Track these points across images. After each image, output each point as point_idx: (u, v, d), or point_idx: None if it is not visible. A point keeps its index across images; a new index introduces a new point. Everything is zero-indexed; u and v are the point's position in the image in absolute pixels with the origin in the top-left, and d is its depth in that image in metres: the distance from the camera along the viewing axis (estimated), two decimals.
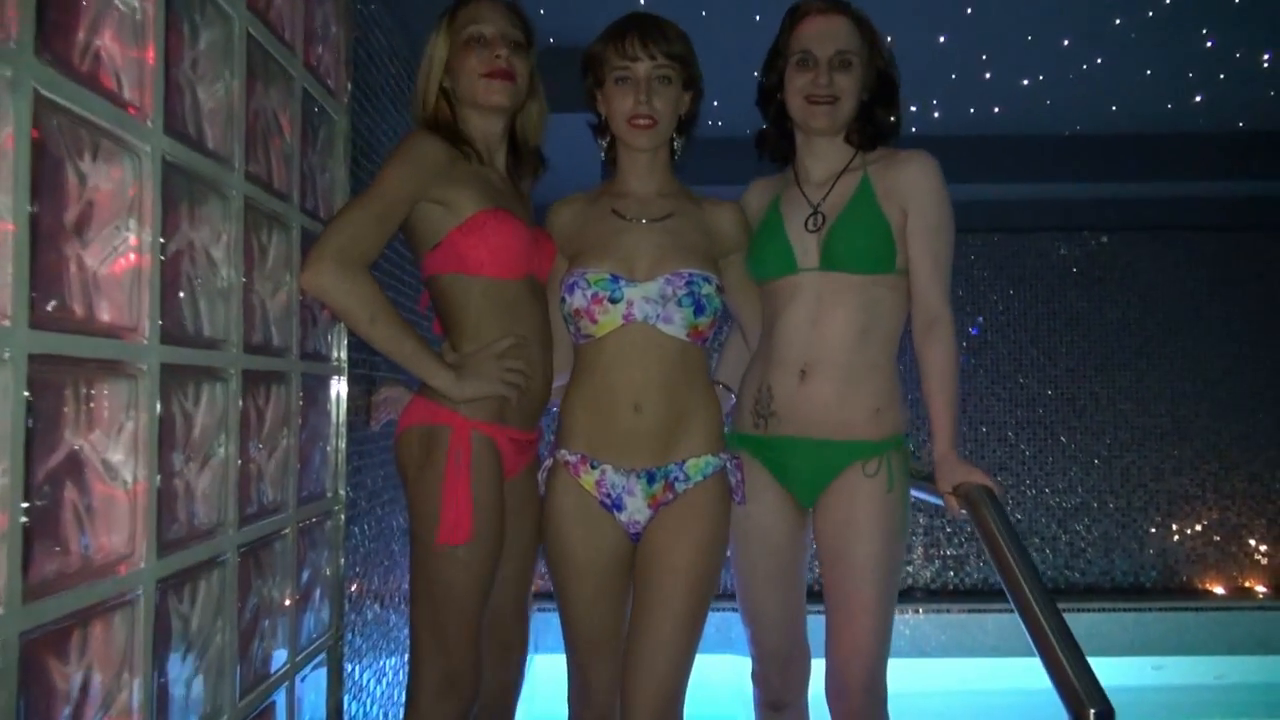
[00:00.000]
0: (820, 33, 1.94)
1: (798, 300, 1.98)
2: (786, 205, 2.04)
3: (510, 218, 1.82)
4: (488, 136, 1.92)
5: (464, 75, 1.87)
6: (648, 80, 1.87)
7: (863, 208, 1.94)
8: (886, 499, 1.93)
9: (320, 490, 2.02)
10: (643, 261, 1.90)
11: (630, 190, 1.99)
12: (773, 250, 2.01)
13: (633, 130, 1.89)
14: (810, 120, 1.96)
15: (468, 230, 1.78)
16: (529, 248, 1.86)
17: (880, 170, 1.97)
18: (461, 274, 1.82)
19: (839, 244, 1.92)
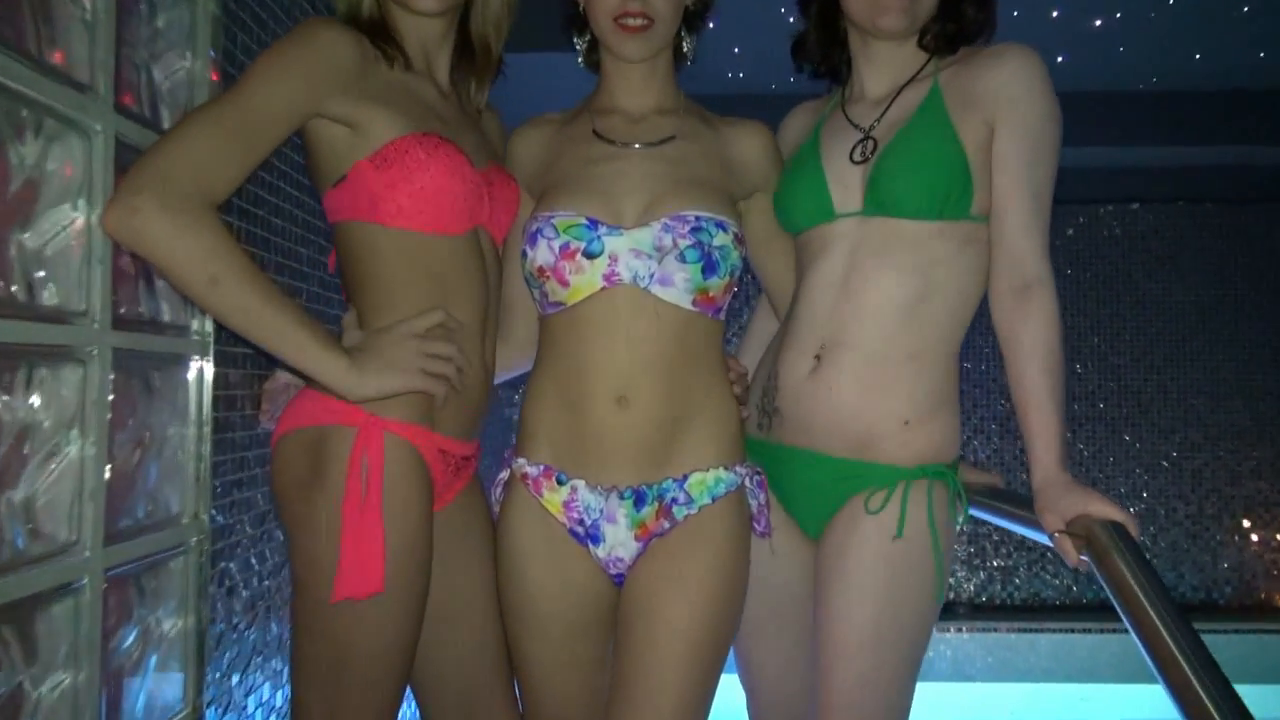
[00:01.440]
0: None
1: (828, 256, 1.57)
2: (829, 131, 1.64)
3: (447, 148, 1.40)
4: (423, 39, 1.50)
5: None
6: None
7: (927, 125, 1.51)
8: (890, 551, 1.49)
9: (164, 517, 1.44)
10: (632, 200, 1.52)
11: (618, 106, 1.62)
12: (804, 189, 1.59)
13: (621, 34, 1.52)
14: (878, 18, 1.53)
15: (382, 162, 1.36)
16: (475, 191, 1.44)
17: (957, 74, 1.54)
18: (375, 224, 1.39)
19: (889, 176, 1.50)
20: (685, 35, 1.63)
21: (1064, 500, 1.38)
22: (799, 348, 1.58)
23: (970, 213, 1.51)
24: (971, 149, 1.49)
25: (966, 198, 1.50)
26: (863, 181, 1.55)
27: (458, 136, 1.48)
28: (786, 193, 1.64)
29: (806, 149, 1.65)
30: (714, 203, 1.54)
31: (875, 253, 1.53)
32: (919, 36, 1.60)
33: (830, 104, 1.72)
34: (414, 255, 1.41)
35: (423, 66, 1.51)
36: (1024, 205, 1.47)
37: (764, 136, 1.68)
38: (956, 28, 1.58)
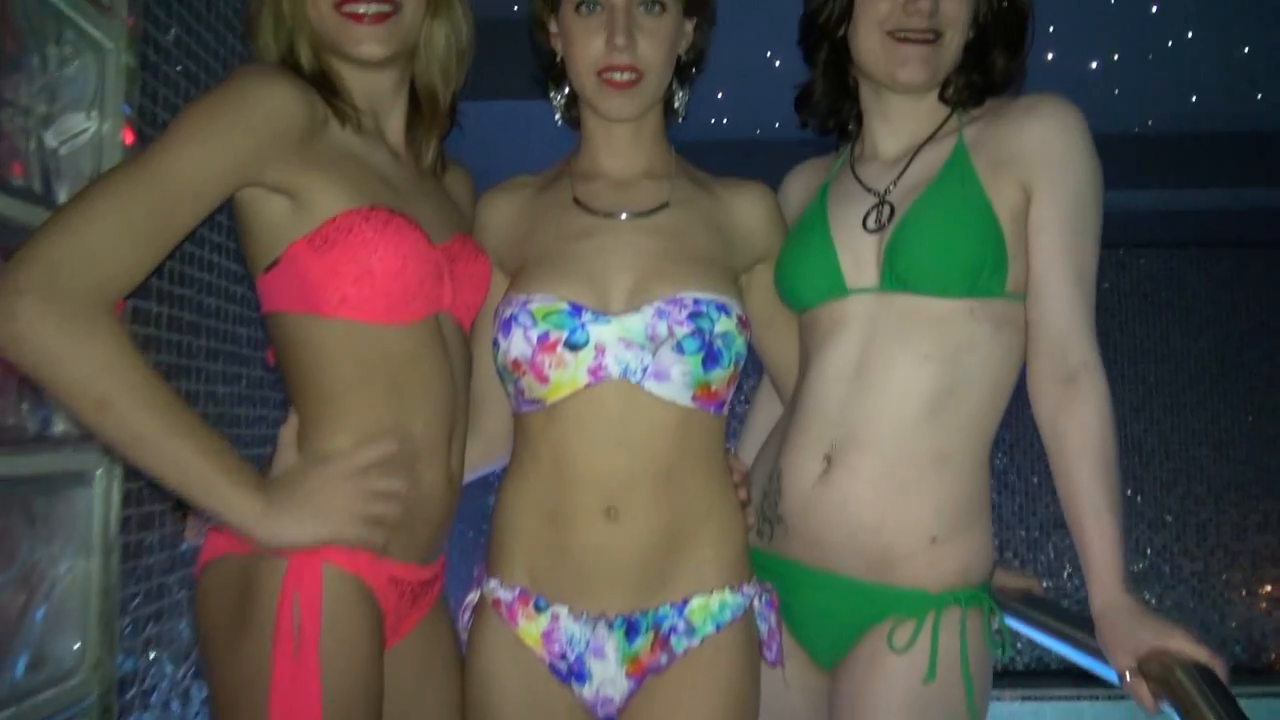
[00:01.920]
0: None
1: (839, 339, 1.38)
2: (838, 195, 1.46)
3: (399, 223, 1.20)
4: (371, 96, 1.30)
5: (312, 4, 1.24)
6: (628, 8, 1.32)
7: (953, 188, 1.33)
8: (919, 697, 1.30)
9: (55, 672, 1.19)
10: (620, 280, 1.34)
11: (602, 170, 1.44)
12: (810, 261, 1.41)
13: (605, 89, 1.34)
14: (897, 70, 1.36)
15: (322, 243, 1.17)
16: (434, 272, 1.25)
17: (985, 130, 1.37)
18: (314, 316, 1.20)
19: (910, 247, 1.32)
20: (677, 88, 1.44)
21: (1136, 634, 1.18)
22: (806, 447, 1.38)
23: (1005, 289, 1.32)
24: (1005, 216, 1.31)
25: (1000, 272, 1.31)
26: (878, 253, 1.36)
27: (414, 207, 1.29)
28: (791, 265, 1.44)
29: (812, 215, 1.46)
30: (714, 281, 1.34)
31: (895, 335, 1.34)
32: (940, 89, 1.41)
33: (838, 163, 1.53)
34: (363, 352, 1.21)
35: (373, 127, 1.32)
36: (1067, 281, 1.29)
37: (767, 201, 1.49)
38: (984, 79, 1.41)
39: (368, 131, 1.29)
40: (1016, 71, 1.41)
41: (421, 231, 1.24)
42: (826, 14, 1.43)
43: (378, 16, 1.23)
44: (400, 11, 1.25)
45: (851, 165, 1.48)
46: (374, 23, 1.23)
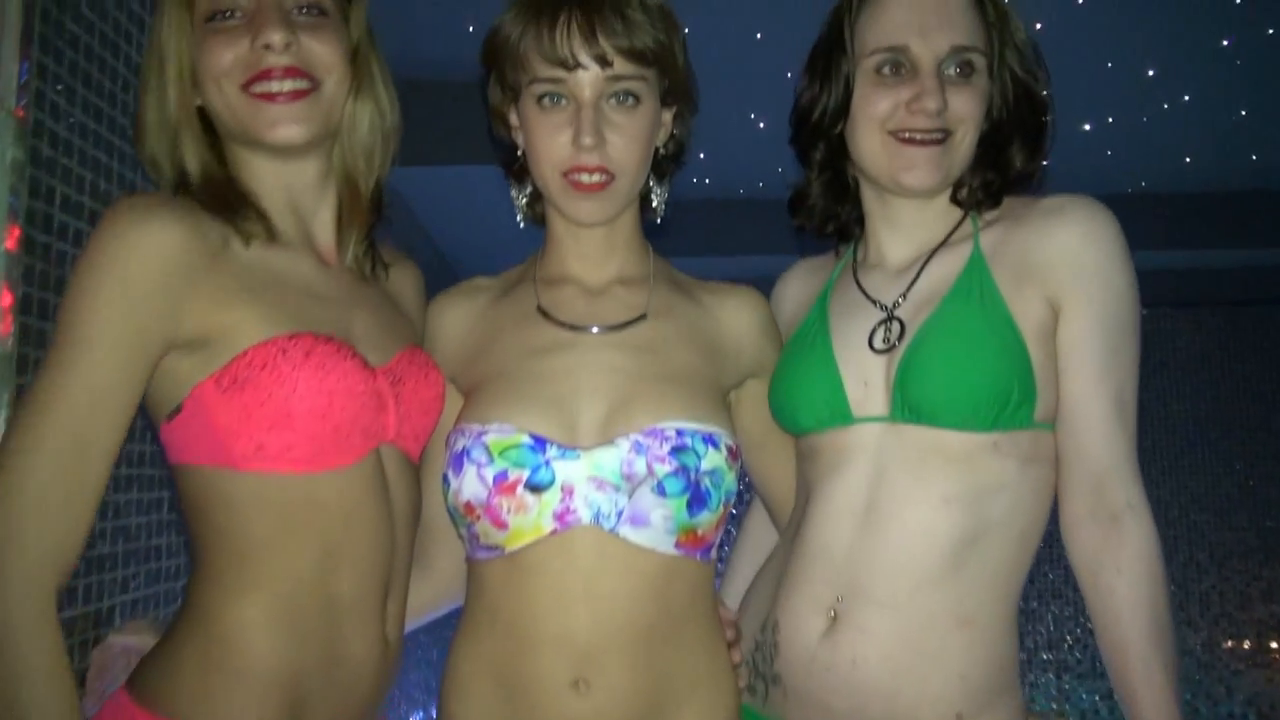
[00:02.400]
0: (921, 14, 1.22)
1: (844, 473, 1.22)
2: (840, 306, 1.32)
3: (325, 350, 1.05)
4: (291, 193, 1.15)
5: (211, 84, 1.10)
6: (597, 102, 1.18)
7: (971, 303, 1.19)
8: None
9: None
10: (591, 407, 1.18)
11: (570, 275, 1.29)
12: (810, 383, 1.26)
13: (572, 192, 1.19)
14: (901, 174, 1.23)
15: (231, 383, 1.03)
16: (369, 402, 1.09)
17: (1005, 235, 1.23)
18: (225, 469, 1.04)
19: (924, 372, 1.17)
20: (655, 184, 1.28)
21: None
22: (808, 596, 1.21)
23: (1033, 419, 1.15)
24: (1031, 335, 1.16)
25: (1028, 401, 1.15)
26: (888, 376, 1.20)
27: (349, 323, 1.12)
28: (788, 387, 1.28)
29: (811, 328, 1.30)
30: (700, 406, 1.18)
31: (908, 473, 1.17)
32: (953, 190, 1.27)
33: (838, 267, 1.37)
34: (284, 505, 1.04)
35: (294, 231, 1.14)
36: (1105, 410, 1.14)
37: (758, 309, 1.33)
38: (1000, 179, 1.26)
39: (288, 239, 1.12)
40: (1036, 169, 1.27)
41: (355, 356, 1.07)
42: (820, 110, 1.28)
43: (294, 94, 1.08)
44: (319, 88, 1.10)
45: (854, 271, 1.32)
46: (290, 101, 1.07)
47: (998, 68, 1.24)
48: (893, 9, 1.22)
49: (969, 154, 1.22)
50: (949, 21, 1.20)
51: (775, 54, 3.09)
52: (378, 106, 1.18)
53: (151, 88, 1.08)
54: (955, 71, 1.20)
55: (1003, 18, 1.25)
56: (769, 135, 4.19)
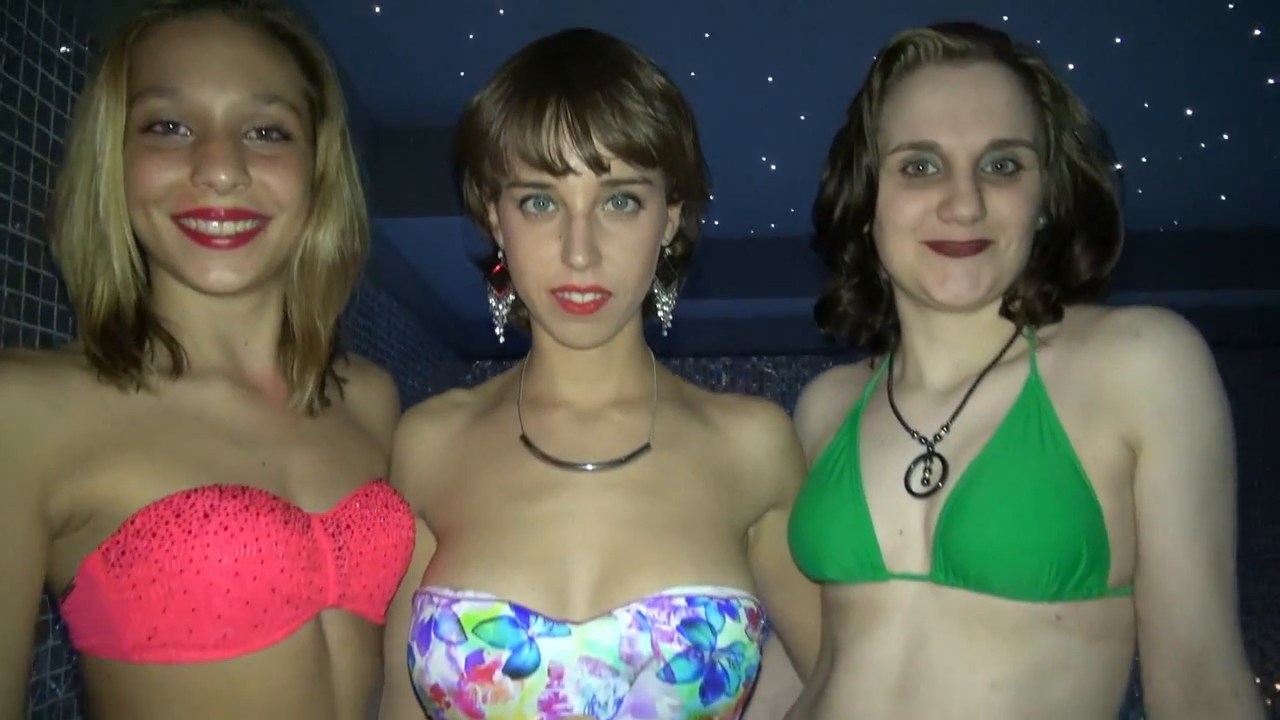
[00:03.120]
0: (954, 103, 1.03)
1: (878, 636, 1.04)
2: (872, 431, 1.13)
3: (232, 505, 0.88)
4: (217, 319, 0.99)
5: (138, 208, 0.92)
6: (590, 211, 0.99)
7: (1028, 442, 1.00)
8: None
9: None
10: (585, 568, 0.99)
11: (561, 398, 1.10)
12: (836, 528, 1.07)
13: (562, 312, 1.01)
14: (935, 288, 1.05)
15: (119, 556, 0.85)
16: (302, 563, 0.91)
17: (1067, 356, 1.04)
18: (117, 661, 0.87)
19: (972, 530, 0.98)
20: (660, 291, 1.09)
21: None
22: None
23: (1106, 585, 0.96)
24: (1102, 482, 0.96)
25: (1100, 566, 0.95)
26: (927, 526, 1.01)
27: (277, 465, 0.94)
28: (811, 530, 1.09)
29: (839, 459, 1.11)
30: (714, 563, 0.99)
31: (953, 646, 0.98)
32: (1003, 300, 1.08)
33: (872, 381, 1.18)
34: (190, 705, 0.86)
35: (219, 360, 0.97)
36: (1200, 574, 0.94)
37: (779, 430, 1.13)
38: (1061, 290, 1.06)
39: (206, 370, 0.95)
40: (1105, 277, 1.08)
41: (277, 509, 0.88)
42: (843, 211, 1.10)
43: (238, 238, 0.91)
44: (266, 228, 0.93)
45: (889, 390, 1.13)
46: (230, 247, 0.90)
47: (1054, 157, 1.06)
48: (920, 96, 1.04)
49: (1018, 262, 1.04)
50: (987, 110, 1.01)
51: (788, 97, 2.94)
52: (341, 237, 1.01)
53: (79, 192, 0.91)
54: (996, 169, 1.02)
55: (1059, 98, 1.06)
56: (781, 176, 4.05)
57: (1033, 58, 1.06)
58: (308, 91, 0.98)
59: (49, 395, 0.84)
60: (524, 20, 2.38)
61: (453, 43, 2.67)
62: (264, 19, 0.96)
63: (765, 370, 5.91)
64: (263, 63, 0.93)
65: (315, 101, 0.99)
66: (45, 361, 0.87)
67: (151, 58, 0.90)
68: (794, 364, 5.88)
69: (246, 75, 0.91)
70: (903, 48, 1.06)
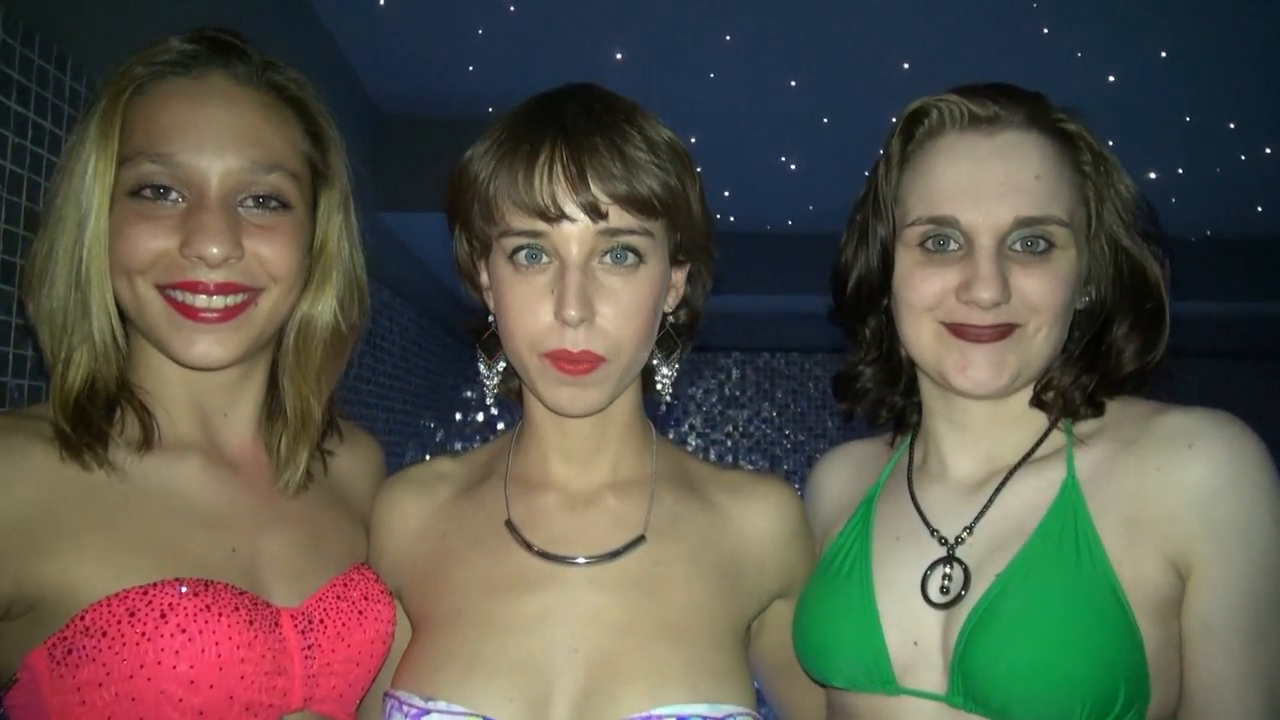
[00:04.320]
0: (978, 175, 0.94)
1: None
2: (888, 521, 1.03)
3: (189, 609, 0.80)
4: (196, 390, 0.93)
5: (121, 275, 0.86)
6: (586, 263, 0.91)
7: (1063, 559, 0.90)
8: None
9: None
10: (569, 679, 0.90)
11: (551, 478, 1.01)
12: (843, 633, 0.98)
13: (553, 375, 0.92)
14: (954, 374, 0.96)
15: (65, 654, 0.77)
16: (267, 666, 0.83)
17: (1112, 460, 0.93)
18: None
19: (998, 657, 0.88)
20: (660, 361, 1.01)
21: None
22: None
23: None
24: (1145, 608, 0.87)
25: (1140, 702, 0.87)
26: (945, 642, 0.92)
27: (248, 551, 0.88)
28: (816, 630, 1.00)
29: (849, 547, 1.02)
30: (710, 675, 0.91)
31: None
32: (1035, 390, 0.98)
33: (889, 464, 1.09)
34: None
35: (192, 432, 0.91)
36: (1250, 715, 0.85)
37: (787, 513, 1.04)
38: (1101, 382, 0.96)
39: (179, 442, 0.89)
40: (1150, 366, 0.97)
41: (243, 608, 0.81)
42: (857, 283, 1.02)
43: (227, 312, 0.85)
44: (258, 300, 0.87)
45: (909, 477, 1.03)
46: (219, 321, 0.84)
47: (1095, 231, 0.95)
48: (941, 166, 0.94)
49: (1050, 347, 0.94)
50: (1014, 184, 0.91)
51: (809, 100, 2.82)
52: (341, 308, 0.95)
53: (61, 253, 0.84)
54: (1026, 247, 0.92)
55: (1102, 168, 0.96)
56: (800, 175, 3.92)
57: (1073, 123, 0.96)
58: (310, 156, 0.92)
59: (2, 468, 0.78)
60: (534, 16, 2.26)
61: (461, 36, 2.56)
62: (268, 80, 0.89)
63: (776, 366, 5.80)
64: (264, 128, 0.87)
65: (318, 167, 0.93)
66: (3, 431, 0.81)
67: (146, 118, 0.84)
68: (806, 361, 5.77)
69: (246, 142, 0.85)
70: (925, 112, 0.96)
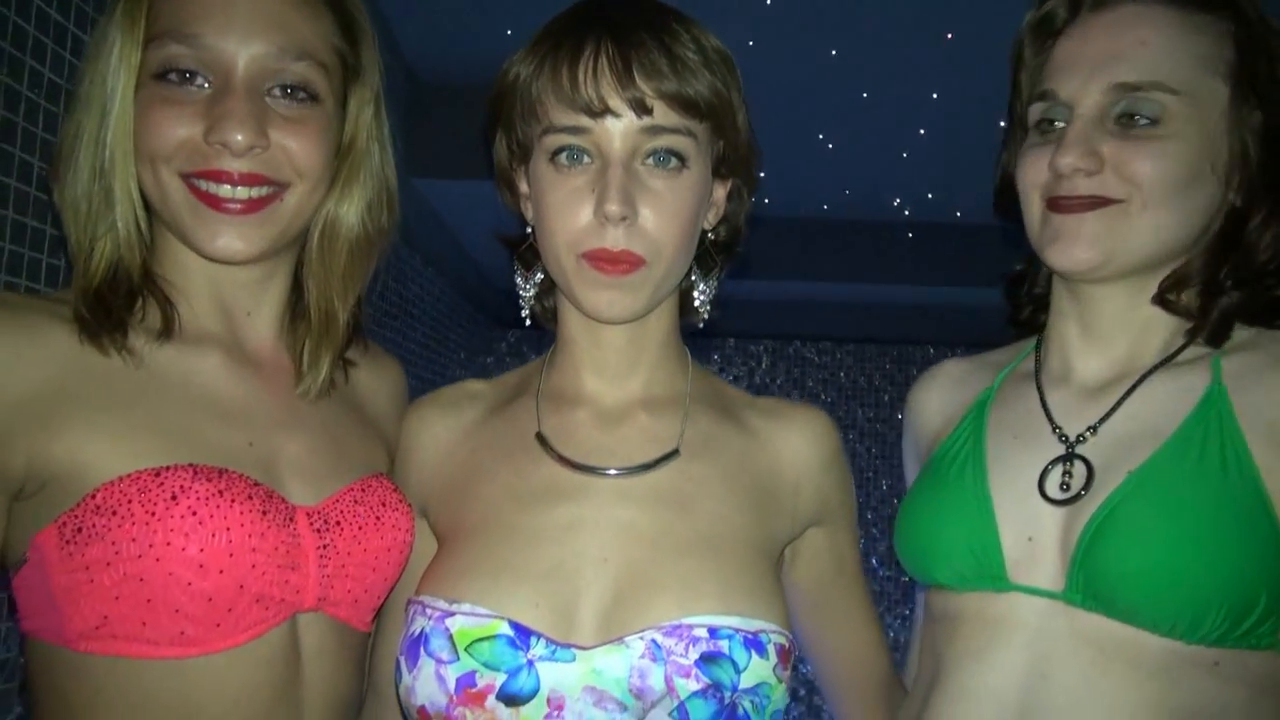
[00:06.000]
0: (1086, 45, 0.91)
1: (993, 660, 0.90)
2: (1006, 421, 0.99)
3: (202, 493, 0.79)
4: (219, 286, 0.92)
5: (145, 163, 0.85)
6: (629, 161, 0.89)
7: (1205, 464, 0.85)
8: None
9: None
10: (596, 588, 0.89)
11: (584, 393, 1.00)
12: (952, 527, 0.95)
13: (590, 276, 0.90)
14: (1048, 248, 0.93)
15: (74, 533, 0.77)
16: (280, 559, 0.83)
17: (1261, 367, 0.89)
18: (60, 648, 0.80)
19: (1126, 555, 0.85)
20: (699, 278, 0.99)
21: None
22: None
23: (1274, 636, 0.84)
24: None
25: (1274, 615, 0.82)
26: (1065, 538, 0.89)
27: (267, 447, 0.87)
28: (922, 525, 0.98)
29: (960, 446, 0.99)
30: (742, 590, 0.89)
31: (1086, 677, 0.86)
32: (1161, 293, 0.93)
33: (1005, 369, 1.05)
34: (136, 706, 0.78)
35: (215, 326, 0.90)
36: None
37: (825, 439, 1.02)
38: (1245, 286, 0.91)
39: (200, 335, 0.88)
40: None
41: (257, 498, 0.81)
42: (1001, 175, 1.03)
43: (251, 204, 0.84)
44: (283, 196, 0.85)
45: (1036, 375, 0.99)
46: (242, 213, 0.83)
47: (1237, 111, 0.88)
48: (1062, 42, 0.93)
49: (1159, 234, 0.89)
50: (1116, 52, 0.88)
51: (849, 72, 2.77)
52: (368, 210, 0.93)
53: (86, 139, 0.84)
54: (1131, 119, 0.87)
55: (1255, 40, 0.89)
56: (837, 156, 3.88)
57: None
58: (341, 50, 0.90)
59: (17, 342, 0.78)
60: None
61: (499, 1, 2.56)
62: None
63: (807, 355, 5.75)
64: (294, 15, 0.85)
65: (348, 61, 0.91)
66: (23, 309, 0.81)
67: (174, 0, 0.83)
68: (837, 351, 5.73)
69: (275, 27, 0.84)
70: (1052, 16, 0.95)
